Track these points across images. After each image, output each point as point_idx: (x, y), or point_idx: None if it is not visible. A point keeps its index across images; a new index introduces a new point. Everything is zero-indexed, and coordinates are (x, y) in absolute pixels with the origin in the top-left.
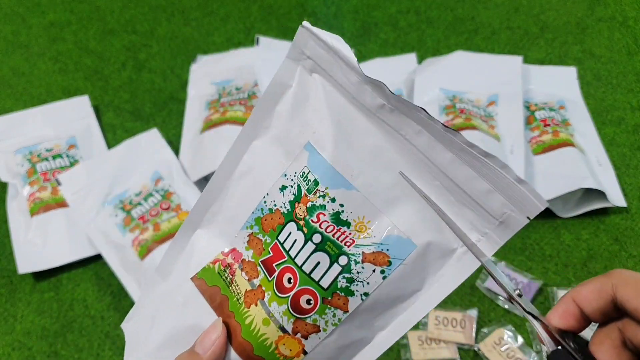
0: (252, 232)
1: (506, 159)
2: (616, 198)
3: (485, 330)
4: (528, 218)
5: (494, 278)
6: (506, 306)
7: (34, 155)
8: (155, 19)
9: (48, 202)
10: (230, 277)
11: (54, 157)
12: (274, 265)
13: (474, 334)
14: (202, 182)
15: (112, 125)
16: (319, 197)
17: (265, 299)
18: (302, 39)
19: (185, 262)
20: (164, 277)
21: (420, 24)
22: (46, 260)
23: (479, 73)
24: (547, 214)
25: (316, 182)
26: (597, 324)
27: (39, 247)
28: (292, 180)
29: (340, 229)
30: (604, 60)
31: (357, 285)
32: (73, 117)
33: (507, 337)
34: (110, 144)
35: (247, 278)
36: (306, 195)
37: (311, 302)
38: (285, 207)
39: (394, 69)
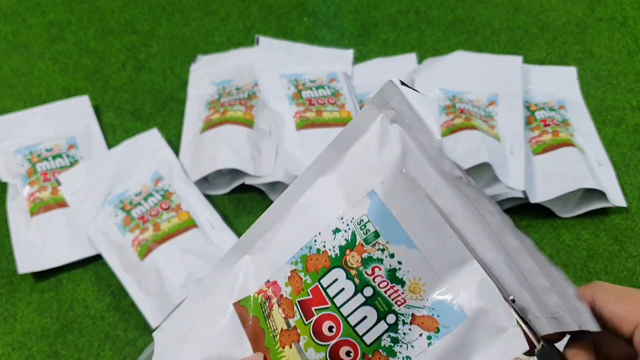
0: (295, 269)
1: (506, 159)
2: (616, 198)
3: None
4: (580, 326)
5: (497, 283)
6: None
7: (34, 155)
8: (155, 19)
9: (48, 202)
10: (268, 310)
11: (54, 157)
12: (312, 309)
13: None
14: (202, 182)
15: (112, 125)
16: (377, 249)
17: (301, 343)
18: (389, 91)
19: (230, 285)
20: (204, 295)
21: (420, 24)
22: (46, 260)
23: (479, 73)
24: (547, 214)
25: (377, 234)
26: (570, 337)
27: (39, 247)
28: (347, 225)
29: (393, 286)
30: (604, 60)
31: (401, 346)
32: (73, 117)
33: None
34: (110, 144)
35: (283, 316)
36: (363, 245)
37: (351, 354)
38: (334, 251)
39: (394, 69)
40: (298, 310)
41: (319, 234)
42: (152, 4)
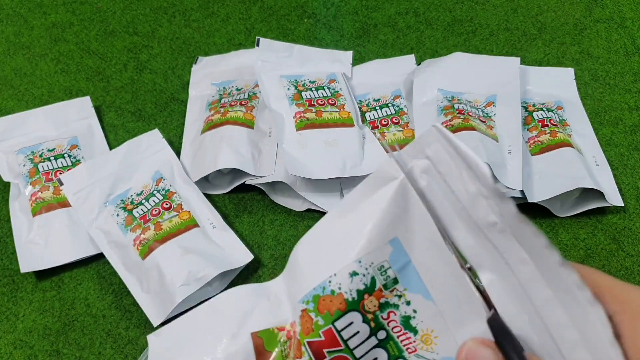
0: (306, 309)
1: (504, 159)
2: (613, 198)
3: None
4: None
5: (453, 245)
6: None
7: (36, 155)
8: (157, 20)
9: (50, 201)
10: (288, 350)
11: (55, 157)
12: (324, 351)
13: None
14: (203, 182)
15: (114, 126)
16: (395, 295)
17: None
18: (428, 139)
19: (249, 310)
20: (214, 310)
21: (419, 25)
22: (48, 260)
23: (477, 74)
24: (544, 214)
25: (395, 281)
26: None
27: (41, 246)
28: (366, 269)
29: (406, 333)
30: (601, 61)
31: None
32: (75, 117)
33: None
34: (112, 144)
35: (292, 356)
36: (381, 290)
37: None
38: (350, 294)
39: (392, 70)
40: (307, 351)
41: (335, 275)
42: (153, 5)
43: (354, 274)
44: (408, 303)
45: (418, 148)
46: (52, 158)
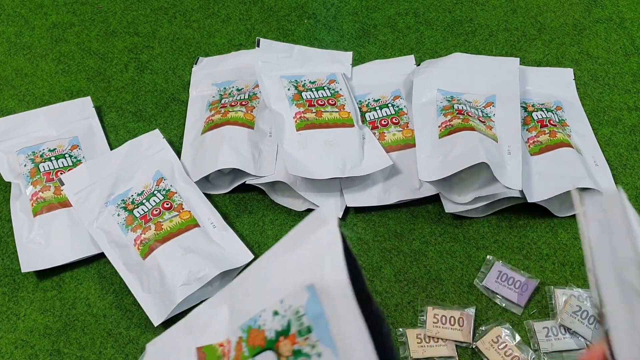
0: (242, 337)
1: (504, 159)
2: None
3: (482, 328)
4: None
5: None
6: (504, 304)
7: (37, 156)
8: (157, 20)
9: (51, 201)
10: None
11: (56, 158)
12: None
13: (471, 332)
14: (204, 182)
15: (115, 126)
16: (308, 345)
17: None
18: (613, 200)
19: (203, 328)
20: (186, 328)
21: (418, 25)
22: (49, 259)
23: (476, 74)
24: (544, 213)
25: (309, 329)
26: None
27: (41, 246)
28: (285, 310)
29: None
30: (600, 62)
31: None
32: (76, 117)
33: (504, 335)
34: (112, 145)
35: None
36: (295, 336)
37: None
38: (270, 333)
39: (392, 71)
40: None
41: (264, 310)
42: (153, 6)
43: (276, 313)
44: (319, 355)
45: (599, 203)
46: (53, 158)
